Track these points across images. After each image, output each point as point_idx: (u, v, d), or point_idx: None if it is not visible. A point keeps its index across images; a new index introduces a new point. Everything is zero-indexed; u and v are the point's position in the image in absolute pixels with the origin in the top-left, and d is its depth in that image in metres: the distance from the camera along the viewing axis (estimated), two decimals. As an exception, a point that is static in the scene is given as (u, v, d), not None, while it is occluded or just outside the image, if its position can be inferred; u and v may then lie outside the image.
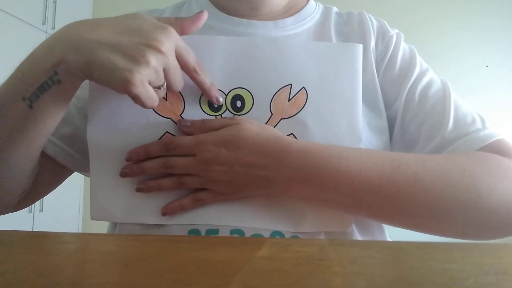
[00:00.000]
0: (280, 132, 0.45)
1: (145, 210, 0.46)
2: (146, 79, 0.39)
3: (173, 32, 0.41)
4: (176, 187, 0.45)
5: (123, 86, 0.38)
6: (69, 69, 0.39)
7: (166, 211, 0.45)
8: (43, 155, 0.53)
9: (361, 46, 0.49)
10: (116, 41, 0.38)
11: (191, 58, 0.44)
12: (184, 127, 0.45)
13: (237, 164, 0.43)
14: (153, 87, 0.40)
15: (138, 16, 0.42)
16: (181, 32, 0.44)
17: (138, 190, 0.46)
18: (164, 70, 0.41)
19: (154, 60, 0.38)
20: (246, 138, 0.43)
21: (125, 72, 0.37)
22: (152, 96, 0.40)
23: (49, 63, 0.40)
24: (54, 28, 2.30)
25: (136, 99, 0.39)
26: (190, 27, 0.45)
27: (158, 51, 0.39)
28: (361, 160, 0.43)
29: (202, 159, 0.43)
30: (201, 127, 0.45)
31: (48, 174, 0.55)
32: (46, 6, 2.27)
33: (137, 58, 0.38)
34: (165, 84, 0.42)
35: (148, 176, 0.46)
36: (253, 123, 0.44)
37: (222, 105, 0.47)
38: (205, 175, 0.44)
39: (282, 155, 0.42)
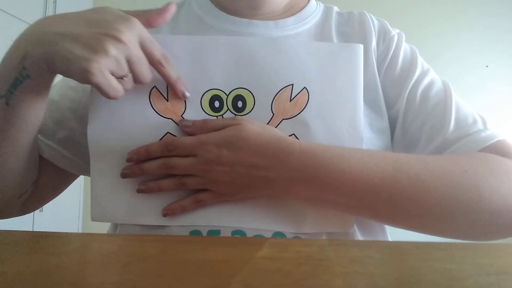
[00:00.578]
0: (281, 132, 0.45)
1: (146, 211, 0.46)
2: (106, 69, 0.39)
3: (135, 23, 0.41)
4: (177, 188, 0.45)
5: (82, 76, 0.38)
6: (34, 63, 0.40)
7: (167, 212, 0.45)
8: (42, 159, 0.53)
9: (362, 46, 0.49)
10: (77, 32, 0.39)
11: (156, 50, 0.43)
12: (185, 128, 0.45)
13: (238, 165, 0.42)
14: (116, 78, 0.40)
15: (104, 9, 0.42)
16: (148, 24, 0.44)
17: (139, 191, 0.46)
18: (128, 61, 0.41)
19: (113, 49, 0.38)
20: (247, 138, 0.43)
21: (83, 61, 0.38)
22: (114, 86, 0.40)
23: (17, 59, 0.40)
24: (54, 28, 2.30)
25: (99, 89, 0.40)
26: (157, 20, 0.45)
27: (118, 40, 0.39)
28: (363, 161, 0.42)
29: (203, 160, 0.43)
30: (202, 127, 0.45)
31: (49, 178, 0.55)
32: (46, 6, 2.27)
33: (95, 48, 0.38)
34: (130, 75, 0.42)
35: (149, 177, 0.46)
36: (255, 124, 0.44)
37: (224, 105, 0.47)
38: (206, 175, 0.43)
39: (284, 155, 0.42)
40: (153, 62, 0.44)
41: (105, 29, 0.39)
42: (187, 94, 0.46)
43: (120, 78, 0.41)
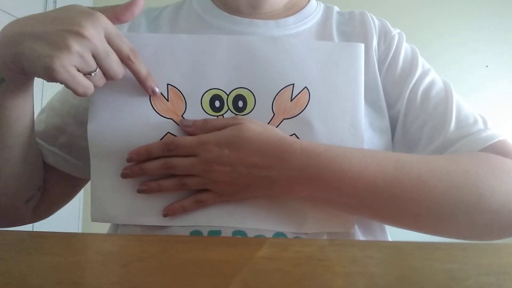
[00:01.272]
0: (282, 132, 0.45)
1: (147, 212, 0.46)
2: (70, 65, 0.38)
3: (100, 17, 0.40)
4: (178, 188, 0.45)
5: (47, 73, 0.38)
6: (4, 65, 0.40)
7: (168, 212, 0.45)
8: (47, 165, 0.54)
9: (363, 45, 0.49)
10: (40, 30, 0.39)
11: (124, 45, 0.43)
12: (186, 127, 0.45)
13: (239, 165, 0.42)
14: (84, 74, 0.40)
15: (70, 6, 0.42)
16: (116, 19, 0.43)
17: (139, 191, 0.45)
18: (94, 57, 0.40)
19: (76, 45, 0.38)
20: (248, 138, 0.42)
21: (46, 59, 0.37)
22: (82, 83, 0.40)
23: None
24: (54, 28, 2.30)
25: (66, 86, 0.39)
26: (124, 14, 0.44)
27: (80, 35, 0.38)
28: (365, 161, 0.42)
29: (204, 160, 0.43)
30: (203, 127, 0.45)
31: (56, 183, 0.56)
32: (46, 6, 2.27)
33: (58, 44, 0.38)
34: (99, 71, 0.41)
35: (150, 177, 0.46)
36: (256, 123, 0.44)
37: (224, 105, 0.47)
38: (207, 175, 0.43)
39: (285, 155, 0.42)
40: (122, 58, 0.43)
41: (68, 25, 0.38)
42: (157, 90, 0.46)
43: (88, 74, 0.40)
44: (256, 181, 0.43)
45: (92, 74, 0.41)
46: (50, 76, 0.38)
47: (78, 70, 0.39)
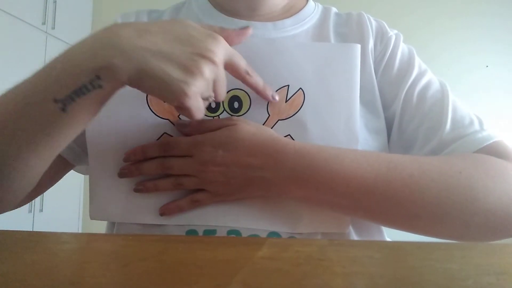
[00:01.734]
0: (277, 133, 0.45)
1: (143, 210, 0.46)
2: (199, 91, 0.37)
3: (223, 42, 0.40)
4: (174, 188, 0.45)
5: (177, 98, 0.36)
6: (114, 76, 0.36)
7: (164, 212, 0.46)
8: None
9: (359, 46, 0.49)
10: (169, 50, 0.36)
11: (242, 63, 0.43)
12: (181, 128, 0.46)
13: (234, 165, 0.43)
14: (202, 98, 0.39)
15: (186, 23, 0.40)
16: (228, 42, 0.42)
17: (136, 190, 0.46)
18: (214, 81, 0.39)
19: (208, 71, 0.37)
20: (243, 139, 0.43)
21: (181, 84, 0.36)
22: (201, 108, 0.39)
23: (91, 66, 0.36)
24: (54, 28, 2.30)
25: (186, 110, 0.38)
26: (235, 40, 0.45)
27: (212, 62, 0.37)
28: (357, 161, 0.42)
29: (199, 160, 0.43)
30: (198, 128, 0.45)
31: (52, 169, 0.53)
32: (46, 6, 2.27)
33: (192, 70, 0.36)
34: (213, 95, 0.40)
35: (146, 177, 0.46)
36: (250, 124, 0.44)
37: (220, 106, 0.47)
38: (202, 176, 0.44)
39: (279, 156, 0.42)
40: (240, 75, 0.43)
41: (199, 50, 0.37)
42: (277, 97, 0.46)
43: (205, 99, 0.39)
44: (251, 181, 0.43)
45: (210, 99, 0.40)
46: (180, 100, 0.36)
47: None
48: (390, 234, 0.53)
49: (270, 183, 0.43)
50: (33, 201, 2.21)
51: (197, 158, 0.43)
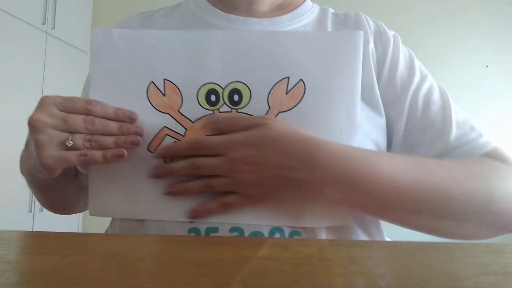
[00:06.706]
0: (308, 133, 0.44)
1: (143, 207, 0.46)
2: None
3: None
4: (204, 190, 0.44)
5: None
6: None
7: (193, 215, 0.45)
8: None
9: (362, 33, 0.48)
10: None
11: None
12: (214, 123, 0.45)
13: (266, 165, 0.42)
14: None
15: None
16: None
17: (168, 193, 0.45)
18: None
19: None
20: (276, 138, 0.42)
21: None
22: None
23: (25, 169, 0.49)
24: (54, 28, 2.30)
25: None
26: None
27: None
28: (394, 165, 0.44)
29: (231, 159, 0.42)
30: (230, 125, 0.44)
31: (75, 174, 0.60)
32: (46, 6, 2.26)
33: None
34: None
35: (144, 176, 0.46)
36: (282, 123, 0.44)
37: (220, 99, 0.46)
38: (233, 176, 0.43)
39: (316, 156, 0.42)
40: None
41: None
42: (134, 115, 0.45)
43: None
44: (286, 183, 0.42)
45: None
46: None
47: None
48: (390, 234, 0.53)
49: (307, 185, 0.42)
50: (33, 201, 2.20)
51: (228, 157, 0.42)
